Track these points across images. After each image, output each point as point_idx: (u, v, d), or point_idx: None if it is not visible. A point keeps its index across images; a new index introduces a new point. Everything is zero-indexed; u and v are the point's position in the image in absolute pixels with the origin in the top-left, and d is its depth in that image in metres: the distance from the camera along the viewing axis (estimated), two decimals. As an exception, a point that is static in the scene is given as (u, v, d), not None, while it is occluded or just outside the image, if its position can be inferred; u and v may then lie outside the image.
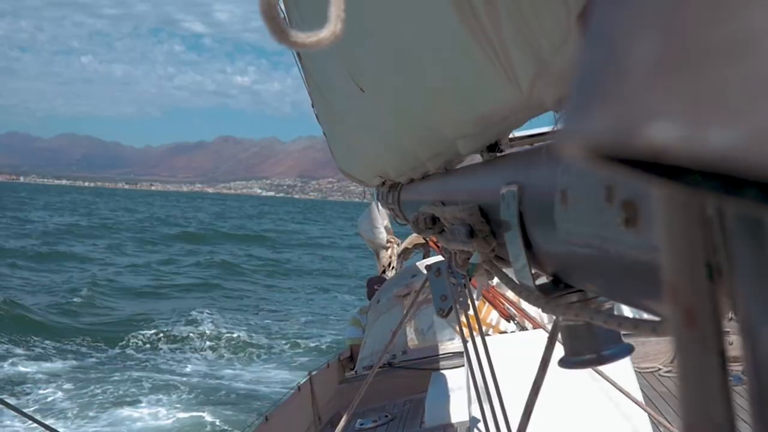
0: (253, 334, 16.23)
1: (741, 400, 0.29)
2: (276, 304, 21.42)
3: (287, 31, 0.50)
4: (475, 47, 1.03)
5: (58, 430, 2.71)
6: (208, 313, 18.27)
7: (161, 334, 15.87)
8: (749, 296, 0.27)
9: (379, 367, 4.84)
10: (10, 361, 13.27)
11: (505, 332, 5.14)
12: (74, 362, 13.64)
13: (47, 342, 14.87)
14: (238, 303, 21.19)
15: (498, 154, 1.48)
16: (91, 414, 10.79)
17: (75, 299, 18.97)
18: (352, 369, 6.23)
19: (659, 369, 5.07)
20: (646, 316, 0.66)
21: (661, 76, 0.14)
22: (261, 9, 0.51)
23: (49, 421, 9.46)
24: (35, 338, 15.00)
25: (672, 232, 0.26)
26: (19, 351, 14.08)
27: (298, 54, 3.14)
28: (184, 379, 12.68)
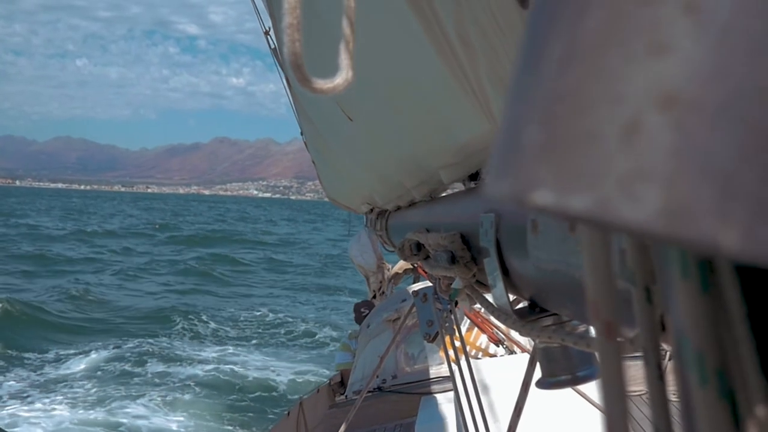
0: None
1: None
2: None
3: (311, 79, 0.55)
4: (453, 83, 1.08)
5: None
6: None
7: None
8: (675, 315, 0.32)
9: (369, 392, 4.85)
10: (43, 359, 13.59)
11: (494, 356, 5.16)
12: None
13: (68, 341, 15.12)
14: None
15: (479, 183, 1.53)
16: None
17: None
18: (342, 394, 6.23)
19: (645, 392, 5.10)
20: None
21: (540, 155, 0.19)
22: (288, 59, 0.56)
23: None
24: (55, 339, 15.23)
25: (588, 258, 0.31)
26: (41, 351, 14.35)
27: (287, 80, 3.20)
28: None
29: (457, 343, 2.34)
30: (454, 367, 2.23)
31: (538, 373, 1.24)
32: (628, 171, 0.17)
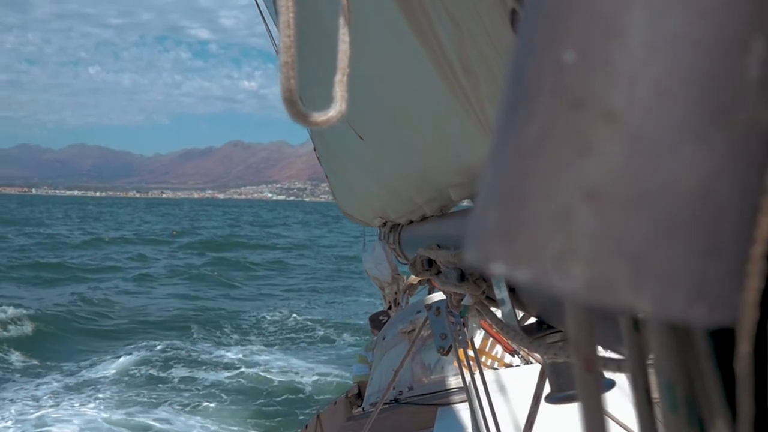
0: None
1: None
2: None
3: (306, 113, 0.59)
4: (458, 107, 1.13)
5: None
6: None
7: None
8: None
9: (386, 404, 4.86)
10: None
11: (510, 365, 5.17)
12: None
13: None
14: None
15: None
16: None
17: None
18: (360, 406, 6.25)
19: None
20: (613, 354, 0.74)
21: (497, 234, 0.23)
22: (283, 96, 0.61)
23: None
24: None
25: (567, 301, 0.35)
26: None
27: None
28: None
29: (471, 353, 2.38)
30: (468, 379, 2.26)
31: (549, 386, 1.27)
32: (559, 251, 0.21)
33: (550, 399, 1.14)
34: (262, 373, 13.59)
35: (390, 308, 8.77)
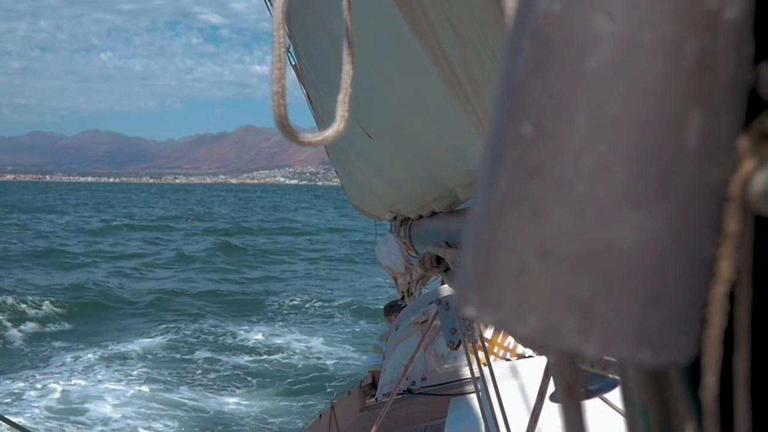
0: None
1: None
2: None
3: (298, 134, 0.63)
4: (463, 113, 1.15)
5: None
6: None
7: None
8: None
9: (399, 394, 4.91)
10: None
11: (522, 355, 5.20)
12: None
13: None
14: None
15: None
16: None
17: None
18: (374, 396, 6.30)
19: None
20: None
21: (470, 281, 0.26)
22: (276, 121, 0.64)
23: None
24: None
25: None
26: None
27: (307, 94, 3.29)
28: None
29: (481, 347, 2.41)
30: (477, 373, 2.29)
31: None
32: (518, 302, 0.24)
33: (554, 398, 1.16)
34: (285, 357, 14.04)
35: (403, 298, 8.82)
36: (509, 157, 0.25)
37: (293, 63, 3.00)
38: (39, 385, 11.53)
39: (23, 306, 17.15)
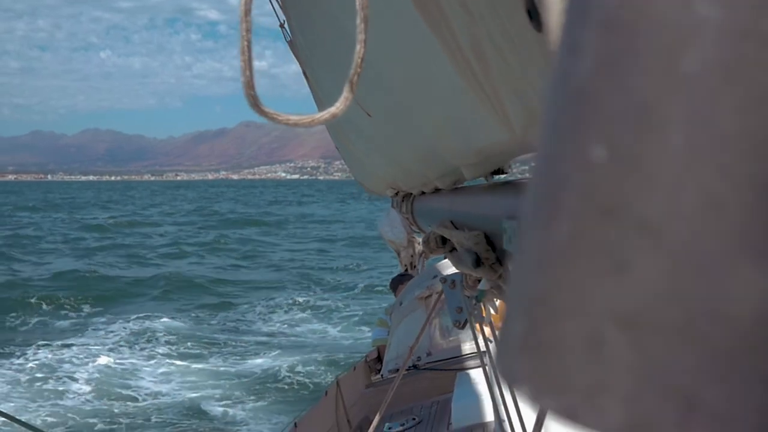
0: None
1: None
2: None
3: (269, 111, 0.56)
4: (470, 92, 1.08)
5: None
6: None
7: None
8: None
9: (405, 370, 4.88)
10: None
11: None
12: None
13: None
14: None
15: (502, 177, 1.53)
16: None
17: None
18: (379, 371, 6.30)
19: None
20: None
21: (522, 351, 0.20)
22: (249, 103, 0.58)
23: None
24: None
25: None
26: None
27: (305, 73, 3.21)
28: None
29: (487, 328, 2.36)
30: (483, 347, 2.25)
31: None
32: (591, 383, 0.18)
33: None
34: (302, 338, 14.45)
35: (407, 271, 8.79)
36: (573, 191, 0.19)
37: (288, 39, 2.91)
38: (77, 361, 12.04)
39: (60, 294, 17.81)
